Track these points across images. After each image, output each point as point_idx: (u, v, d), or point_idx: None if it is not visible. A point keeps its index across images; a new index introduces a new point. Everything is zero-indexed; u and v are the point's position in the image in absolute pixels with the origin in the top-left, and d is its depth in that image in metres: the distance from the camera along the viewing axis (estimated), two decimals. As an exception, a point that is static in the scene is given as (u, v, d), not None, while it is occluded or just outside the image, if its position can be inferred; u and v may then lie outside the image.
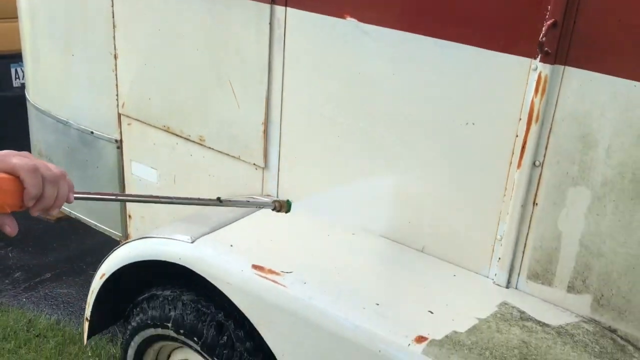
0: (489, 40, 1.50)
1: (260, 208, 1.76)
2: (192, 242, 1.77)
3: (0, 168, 1.05)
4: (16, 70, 4.52)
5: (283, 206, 1.65)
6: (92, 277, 3.51)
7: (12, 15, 4.28)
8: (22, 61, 4.46)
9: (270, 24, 1.86)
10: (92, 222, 2.68)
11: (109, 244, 3.73)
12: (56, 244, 3.74)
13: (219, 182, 2.17)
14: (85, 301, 3.26)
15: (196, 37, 2.05)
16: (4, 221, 1.07)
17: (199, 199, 1.55)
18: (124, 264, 1.90)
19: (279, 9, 1.84)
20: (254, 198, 1.75)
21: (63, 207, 2.86)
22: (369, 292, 1.60)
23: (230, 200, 1.61)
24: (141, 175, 2.41)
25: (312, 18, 1.78)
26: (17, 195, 1.06)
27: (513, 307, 1.57)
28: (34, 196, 1.06)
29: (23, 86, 4.56)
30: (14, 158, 1.07)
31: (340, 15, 1.72)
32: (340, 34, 1.74)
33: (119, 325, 2.87)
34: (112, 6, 2.24)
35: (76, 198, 1.17)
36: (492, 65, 1.51)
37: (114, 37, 2.29)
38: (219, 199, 1.54)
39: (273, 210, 1.66)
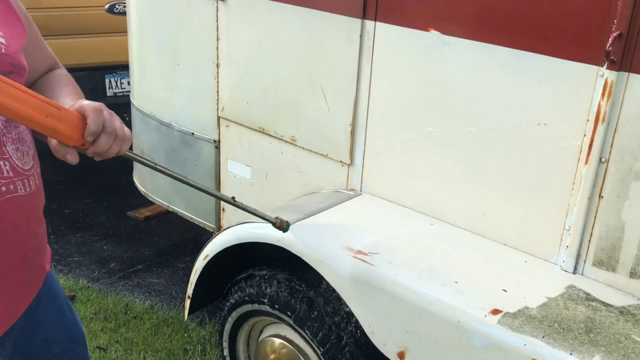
0: (560, 49, 1.67)
1: (262, 219, 1.87)
2: (289, 227, 1.99)
3: (73, 107, 1.20)
4: (110, 81, 4.73)
5: (283, 225, 1.86)
6: (179, 269, 3.82)
7: (106, 31, 4.63)
8: (115, 72, 4.83)
9: (361, 36, 2.07)
10: (188, 214, 2.95)
11: (194, 241, 4.05)
12: (146, 239, 4.03)
13: (307, 178, 2.39)
14: (175, 289, 3.57)
15: (292, 48, 2.29)
16: (67, 151, 1.19)
17: (215, 191, 1.75)
18: (227, 245, 2.13)
19: (369, 23, 2.05)
20: (260, 212, 1.85)
21: (162, 201, 3.14)
22: (447, 272, 1.78)
23: (242, 203, 1.77)
24: (236, 172, 2.66)
25: (398, 31, 1.98)
26: (80, 131, 1.17)
27: (579, 289, 1.73)
28: (93, 132, 1.17)
29: (116, 95, 4.87)
30: (85, 101, 1.21)
31: (425, 28, 1.92)
32: (424, 45, 1.94)
33: (207, 309, 3.14)
34: (217, 21, 2.50)
35: (127, 154, 1.29)
36: (563, 72, 1.68)
37: (217, 48, 2.53)
38: (233, 198, 1.73)
39: (274, 226, 1.86)
